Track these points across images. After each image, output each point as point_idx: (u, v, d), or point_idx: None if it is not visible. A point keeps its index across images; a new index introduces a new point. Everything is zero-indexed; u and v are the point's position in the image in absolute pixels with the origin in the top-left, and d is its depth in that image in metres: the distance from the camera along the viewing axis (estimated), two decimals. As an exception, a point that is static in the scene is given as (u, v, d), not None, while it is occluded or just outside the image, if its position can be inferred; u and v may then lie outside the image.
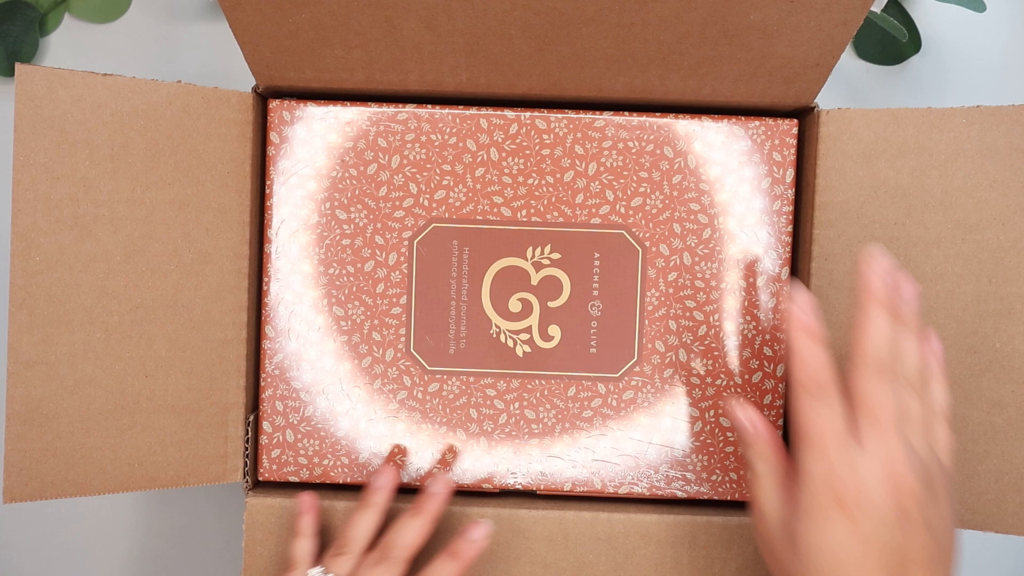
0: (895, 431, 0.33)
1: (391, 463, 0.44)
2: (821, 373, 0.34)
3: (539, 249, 0.44)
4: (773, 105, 0.43)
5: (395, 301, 0.44)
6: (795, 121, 0.43)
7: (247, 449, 0.43)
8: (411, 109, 0.43)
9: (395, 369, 0.44)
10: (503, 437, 0.44)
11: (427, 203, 0.43)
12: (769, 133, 0.43)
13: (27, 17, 0.52)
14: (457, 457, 0.44)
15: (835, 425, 0.33)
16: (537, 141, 0.43)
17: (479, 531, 0.41)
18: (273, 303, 0.44)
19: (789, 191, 0.43)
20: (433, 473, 0.44)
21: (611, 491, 0.44)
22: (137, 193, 0.40)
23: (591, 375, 0.44)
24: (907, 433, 0.34)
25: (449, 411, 0.44)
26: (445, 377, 0.44)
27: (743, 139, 0.43)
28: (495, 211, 0.43)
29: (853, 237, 0.41)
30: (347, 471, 0.44)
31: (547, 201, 0.43)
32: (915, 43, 0.52)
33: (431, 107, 0.43)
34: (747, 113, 0.44)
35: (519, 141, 0.43)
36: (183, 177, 0.41)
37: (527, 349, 0.44)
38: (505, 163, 0.43)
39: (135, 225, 0.40)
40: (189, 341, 0.42)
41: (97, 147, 0.39)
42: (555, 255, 0.44)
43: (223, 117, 0.42)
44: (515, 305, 0.44)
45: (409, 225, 0.44)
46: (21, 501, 0.39)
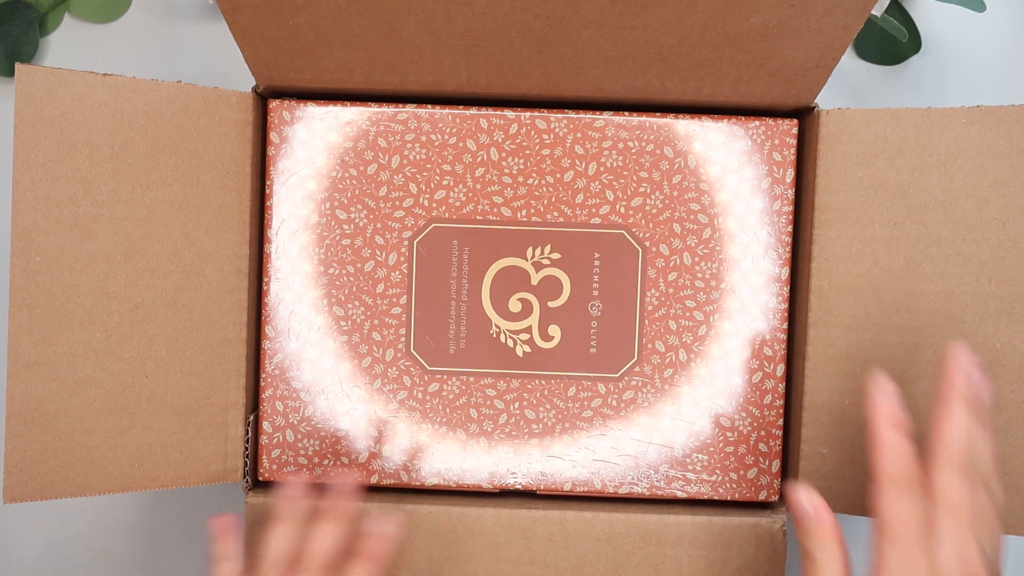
0: (971, 529, 0.34)
1: (301, 471, 0.43)
2: (907, 467, 0.35)
3: (539, 249, 0.44)
4: (773, 105, 0.43)
5: (395, 301, 0.44)
6: (795, 121, 0.43)
7: (247, 449, 0.43)
8: (411, 109, 0.43)
9: (395, 369, 0.44)
10: (503, 437, 0.44)
11: (427, 203, 0.43)
12: (769, 133, 0.43)
13: (27, 17, 0.52)
14: (388, 436, 0.42)
15: (916, 519, 0.34)
16: (537, 141, 0.43)
17: (384, 525, 0.39)
18: (273, 303, 0.44)
19: (789, 191, 0.43)
20: (366, 461, 0.43)
21: (611, 491, 0.44)
22: (137, 193, 0.40)
23: (591, 375, 0.44)
24: (980, 531, 0.34)
25: (449, 411, 0.44)
26: (445, 377, 0.44)
27: (743, 139, 0.43)
28: (495, 211, 0.43)
29: (853, 237, 0.41)
30: (347, 471, 0.44)
31: (547, 201, 0.43)
32: (915, 43, 0.52)
33: (431, 107, 0.43)
34: (747, 113, 0.44)
35: (519, 141, 0.43)
36: (183, 177, 0.41)
37: (527, 349, 0.44)
38: (505, 163, 0.43)
39: (135, 225, 0.40)
40: (189, 341, 0.42)
41: (97, 147, 0.39)
42: (555, 255, 0.44)
43: (223, 117, 0.42)
44: (515, 305, 0.44)
45: (409, 225, 0.44)
46: (21, 501, 0.39)
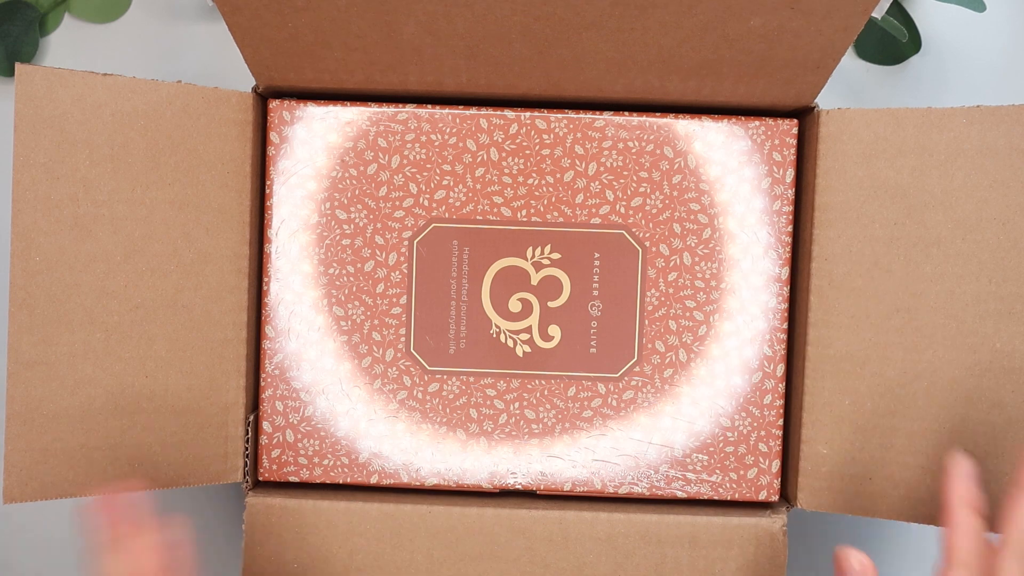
0: None
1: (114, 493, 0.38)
2: (976, 550, 0.36)
3: (539, 249, 0.44)
4: (773, 105, 0.43)
5: (395, 301, 0.44)
6: (795, 121, 0.43)
7: (247, 449, 0.43)
8: (411, 109, 0.43)
9: (395, 369, 0.44)
10: (503, 437, 0.44)
11: (427, 203, 0.43)
12: (769, 133, 0.43)
13: (27, 17, 0.52)
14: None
15: None
16: (537, 141, 0.43)
17: (174, 533, 0.37)
18: (273, 303, 0.44)
19: (789, 191, 0.43)
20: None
21: (611, 491, 0.44)
22: (137, 193, 0.40)
23: (591, 375, 0.44)
24: None
25: (449, 411, 0.44)
26: (445, 377, 0.44)
27: (743, 139, 0.43)
28: (495, 211, 0.43)
29: (853, 237, 0.41)
30: (347, 471, 0.44)
31: (547, 201, 0.43)
32: (915, 43, 0.52)
33: (431, 107, 0.43)
34: (747, 113, 0.44)
35: (519, 141, 0.43)
36: (183, 177, 0.41)
37: (527, 349, 0.44)
38: (505, 163, 0.43)
39: (135, 225, 0.40)
40: (189, 341, 0.42)
41: (97, 147, 0.39)
42: (555, 255, 0.44)
43: (223, 117, 0.42)
44: (515, 305, 0.44)
45: (409, 225, 0.44)
46: (21, 501, 0.39)
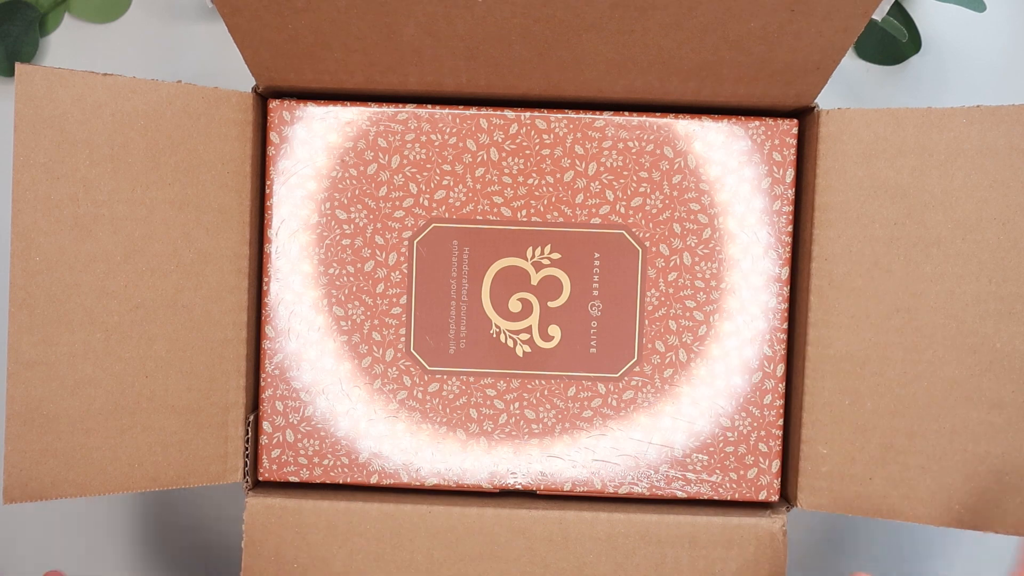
0: None
1: None
2: None
3: (539, 249, 0.44)
4: (773, 105, 0.43)
5: (395, 301, 0.44)
6: (795, 121, 0.43)
7: (247, 449, 0.43)
8: (411, 109, 0.43)
9: (395, 369, 0.44)
10: (503, 437, 0.44)
11: (427, 203, 0.43)
12: (769, 133, 0.43)
13: (27, 17, 0.52)
14: None
15: None
16: (537, 141, 0.43)
17: None
18: (273, 303, 0.44)
19: (789, 191, 0.43)
20: None
21: (611, 491, 0.44)
22: (137, 193, 0.40)
23: (591, 375, 0.44)
24: None
25: (449, 411, 0.44)
26: (445, 377, 0.44)
27: (743, 139, 0.43)
28: (495, 211, 0.43)
29: (853, 237, 0.41)
30: (347, 471, 0.44)
31: (547, 201, 0.43)
32: (915, 43, 0.52)
33: (431, 107, 0.43)
34: (747, 113, 0.44)
35: (519, 141, 0.43)
36: (183, 177, 0.41)
37: (527, 349, 0.44)
38: (505, 163, 0.43)
39: (135, 225, 0.40)
40: (189, 341, 0.42)
41: (97, 147, 0.39)
42: (555, 255, 0.44)
43: (223, 117, 0.42)
44: (515, 305, 0.44)
45: (409, 225, 0.44)
46: (21, 501, 0.39)
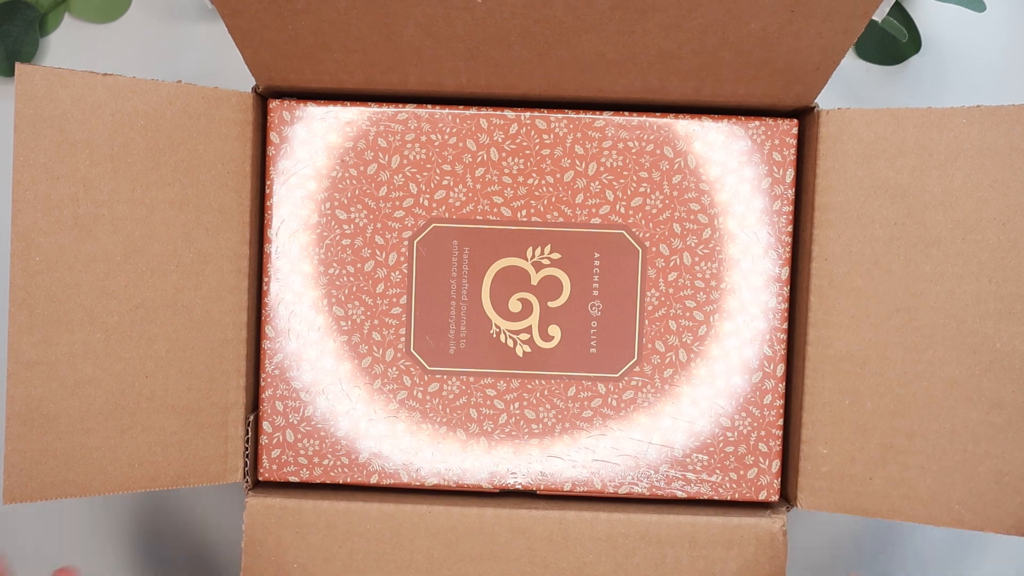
0: None
1: None
2: None
3: (539, 249, 0.44)
4: (773, 105, 0.43)
5: (395, 301, 0.44)
6: (795, 121, 0.43)
7: (247, 449, 0.43)
8: (411, 109, 0.43)
9: (395, 369, 0.44)
10: (503, 437, 0.44)
11: (427, 203, 0.43)
12: (769, 133, 0.43)
13: (27, 17, 0.52)
14: None
15: None
16: (537, 141, 0.43)
17: None
18: (273, 303, 0.44)
19: (789, 191, 0.43)
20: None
21: (611, 491, 0.44)
22: (137, 193, 0.40)
23: (591, 375, 0.44)
24: None
25: (449, 411, 0.44)
26: (445, 377, 0.44)
27: (743, 139, 0.43)
28: (495, 211, 0.43)
29: (853, 237, 0.41)
30: (347, 471, 0.44)
31: (547, 201, 0.43)
32: (915, 43, 0.52)
33: (431, 107, 0.43)
34: (747, 113, 0.44)
35: (519, 141, 0.43)
36: (183, 177, 0.41)
37: (527, 349, 0.44)
38: (505, 163, 0.43)
39: (135, 225, 0.40)
40: (189, 341, 0.42)
41: (97, 147, 0.39)
42: (555, 255, 0.44)
43: (223, 117, 0.42)
44: (515, 305, 0.44)
45: (409, 225, 0.44)
46: (21, 501, 0.39)
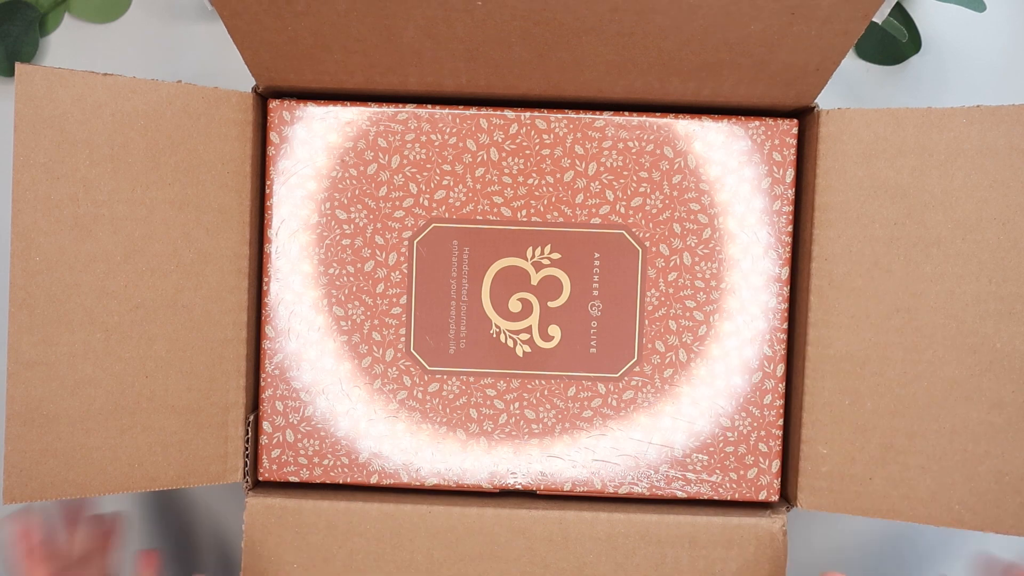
0: None
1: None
2: None
3: (539, 249, 0.44)
4: (773, 105, 0.43)
5: (395, 301, 0.44)
6: (795, 121, 0.43)
7: (247, 449, 0.43)
8: (411, 109, 0.43)
9: (395, 369, 0.44)
10: (503, 437, 0.44)
11: (427, 203, 0.43)
12: (769, 133, 0.43)
13: (27, 17, 0.52)
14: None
15: None
16: (537, 141, 0.43)
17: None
18: (273, 303, 0.44)
19: (789, 191, 0.43)
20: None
21: (611, 491, 0.44)
22: (137, 193, 0.40)
23: (591, 375, 0.44)
24: None
25: (449, 411, 0.44)
26: (445, 377, 0.44)
27: (743, 139, 0.43)
28: (495, 211, 0.43)
29: (853, 237, 0.41)
30: (347, 471, 0.44)
31: (547, 201, 0.43)
32: (915, 43, 0.52)
33: (431, 107, 0.43)
34: (747, 113, 0.44)
35: (519, 141, 0.43)
36: (183, 177, 0.41)
37: (527, 349, 0.44)
38: (505, 163, 0.43)
39: (135, 225, 0.40)
40: (189, 341, 0.42)
41: (97, 147, 0.39)
42: (555, 255, 0.44)
43: (223, 117, 0.42)
44: (515, 305, 0.44)
45: (409, 225, 0.44)
46: (21, 501, 0.39)
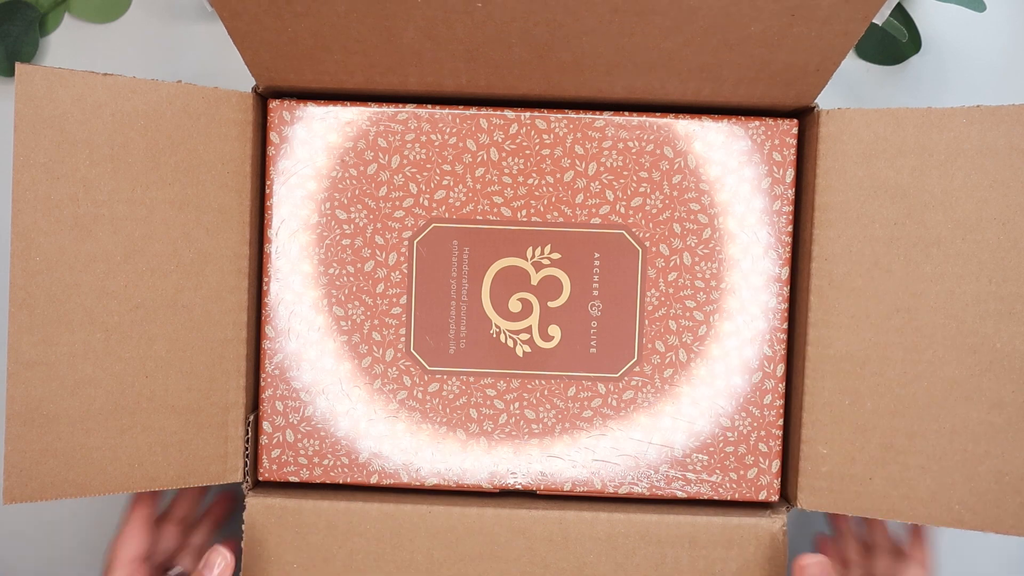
0: None
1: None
2: None
3: (539, 249, 0.44)
4: (773, 105, 0.43)
5: (395, 301, 0.44)
6: (795, 121, 0.43)
7: (247, 449, 0.43)
8: (411, 109, 0.43)
9: (395, 369, 0.44)
10: (503, 437, 0.44)
11: (427, 203, 0.43)
12: (769, 133, 0.43)
13: (27, 17, 0.52)
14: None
15: None
16: (537, 141, 0.43)
17: (219, 559, 0.41)
18: (273, 303, 0.44)
19: (789, 191, 0.43)
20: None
21: (611, 491, 0.44)
22: (137, 193, 0.40)
23: (591, 375, 0.44)
24: None
25: (449, 411, 0.44)
26: (445, 377, 0.44)
27: (743, 139, 0.43)
28: (495, 211, 0.43)
29: (853, 237, 0.41)
30: (347, 471, 0.44)
31: (547, 201, 0.43)
32: (915, 43, 0.52)
33: (431, 107, 0.43)
34: (747, 113, 0.44)
35: (519, 141, 0.43)
36: (183, 177, 0.41)
37: (527, 349, 0.44)
38: (505, 163, 0.43)
39: (135, 225, 0.40)
40: (189, 341, 0.42)
41: (97, 147, 0.39)
42: (555, 255, 0.44)
43: (223, 117, 0.42)
44: (515, 305, 0.44)
45: (409, 225, 0.44)
46: (21, 502, 0.39)
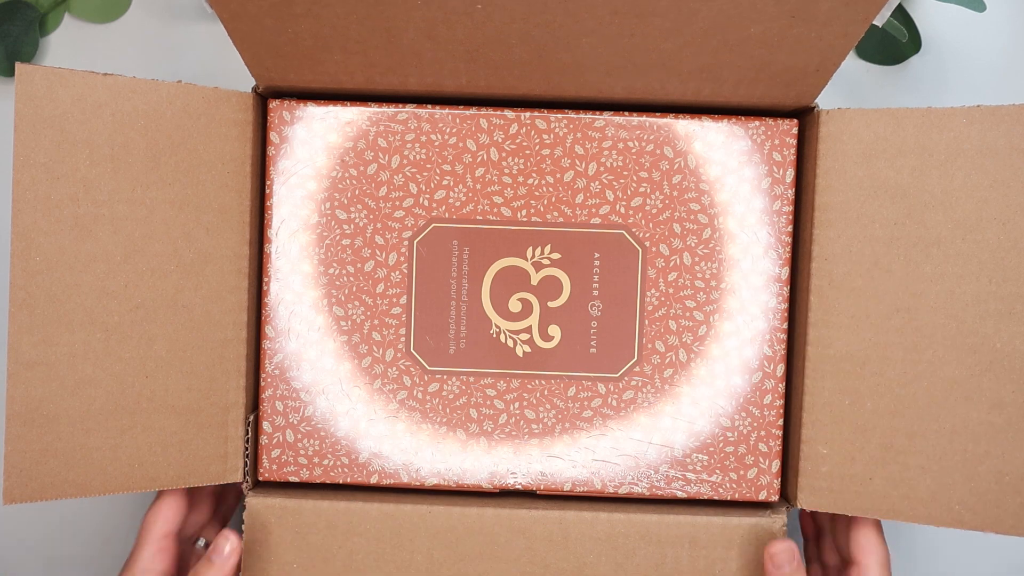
0: None
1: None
2: None
3: (539, 249, 0.44)
4: (773, 105, 0.43)
5: (395, 301, 0.44)
6: (795, 121, 0.43)
7: (247, 449, 0.43)
8: (411, 109, 0.43)
9: (395, 369, 0.44)
10: (503, 437, 0.44)
11: (427, 203, 0.43)
12: (769, 133, 0.43)
13: (27, 17, 0.52)
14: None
15: None
16: (537, 141, 0.43)
17: (226, 544, 0.41)
18: (273, 303, 0.44)
19: (789, 191, 0.43)
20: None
21: (611, 491, 0.44)
22: (137, 193, 0.40)
23: (591, 375, 0.44)
24: None
25: (449, 411, 0.44)
26: (445, 377, 0.44)
27: (743, 139, 0.43)
28: (495, 211, 0.43)
29: (853, 237, 0.41)
30: (347, 471, 0.44)
31: (547, 201, 0.43)
32: (915, 43, 0.52)
33: (431, 107, 0.43)
34: (747, 113, 0.44)
35: (519, 141, 0.43)
36: (183, 177, 0.41)
37: (527, 349, 0.44)
38: (505, 163, 0.43)
39: (135, 225, 0.40)
40: (189, 341, 0.42)
41: (97, 147, 0.39)
42: (555, 255, 0.44)
43: (223, 117, 0.42)
44: (515, 305, 0.44)
45: (409, 225, 0.44)
46: (21, 502, 0.39)
